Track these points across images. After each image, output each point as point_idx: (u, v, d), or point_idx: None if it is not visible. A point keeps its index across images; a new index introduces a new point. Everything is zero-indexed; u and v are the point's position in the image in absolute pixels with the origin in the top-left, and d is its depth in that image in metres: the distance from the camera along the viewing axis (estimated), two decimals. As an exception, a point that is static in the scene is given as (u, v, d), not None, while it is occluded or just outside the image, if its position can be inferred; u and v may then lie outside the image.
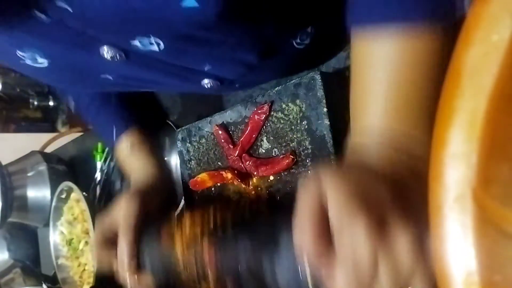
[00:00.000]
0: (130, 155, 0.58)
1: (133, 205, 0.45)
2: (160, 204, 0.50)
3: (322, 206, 0.25)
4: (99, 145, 0.99)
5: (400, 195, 0.26)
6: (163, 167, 0.58)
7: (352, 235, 0.24)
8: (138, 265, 0.42)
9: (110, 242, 0.44)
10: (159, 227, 0.43)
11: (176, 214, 0.67)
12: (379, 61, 0.30)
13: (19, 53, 0.37)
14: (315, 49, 0.46)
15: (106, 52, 0.37)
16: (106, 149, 0.95)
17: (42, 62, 0.38)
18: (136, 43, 0.35)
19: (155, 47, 0.35)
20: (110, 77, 0.43)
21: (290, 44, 0.43)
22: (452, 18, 0.28)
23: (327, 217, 0.25)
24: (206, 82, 0.45)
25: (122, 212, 0.44)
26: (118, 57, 0.37)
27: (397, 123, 0.29)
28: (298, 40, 0.43)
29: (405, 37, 0.29)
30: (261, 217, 0.39)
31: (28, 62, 0.38)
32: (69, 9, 0.30)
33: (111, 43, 0.36)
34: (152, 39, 0.34)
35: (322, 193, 0.26)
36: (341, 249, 0.24)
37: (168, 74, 0.43)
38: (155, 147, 0.61)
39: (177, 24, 0.32)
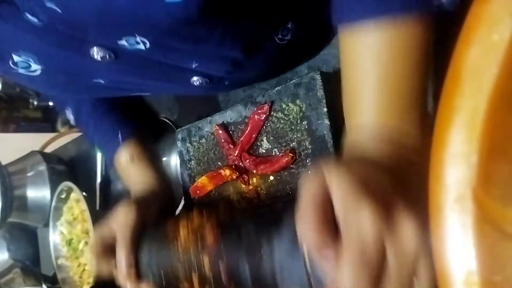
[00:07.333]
0: (130, 167, 0.57)
1: (130, 214, 0.45)
2: (158, 213, 0.49)
3: (326, 196, 0.26)
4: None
5: (399, 183, 0.26)
6: (162, 178, 0.58)
7: (359, 220, 0.24)
8: (137, 274, 0.42)
9: (109, 250, 0.44)
10: (160, 226, 0.43)
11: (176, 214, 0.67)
12: (365, 57, 0.31)
13: (14, 57, 0.37)
14: (298, 45, 0.47)
15: (96, 53, 0.37)
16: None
17: (35, 69, 0.39)
18: (123, 42, 0.35)
19: (141, 46, 0.36)
20: (102, 81, 0.43)
21: (272, 39, 0.44)
22: (432, 8, 0.29)
23: (331, 207, 0.25)
24: (195, 79, 0.46)
25: (120, 221, 0.44)
26: (108, 58, 0.38)
27: (387, 118, 0.30)
28: (280, 36, 0.44)
29: (389, 30, 0.30)
30: (268, 207, 0.40)
31: (21, 71, 0.39)
32: (58, 10, 0.30)
33: (100, 44, 0.37)
34: (138, 38, 0.35)
35: (325, 183, 0.26)
36: (347, 235, 0.24)
37: (157, 73, 0.43)
38: (154, 157, 0.60)
39: (161, 21, 0.32)
